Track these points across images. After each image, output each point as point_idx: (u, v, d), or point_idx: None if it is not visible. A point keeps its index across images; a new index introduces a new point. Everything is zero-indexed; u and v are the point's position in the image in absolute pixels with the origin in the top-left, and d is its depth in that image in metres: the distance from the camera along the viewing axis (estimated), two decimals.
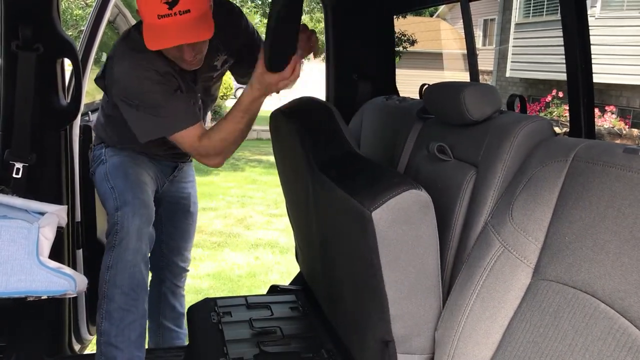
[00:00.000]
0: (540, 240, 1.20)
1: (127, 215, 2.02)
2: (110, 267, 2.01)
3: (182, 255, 2.63)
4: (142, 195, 2.11)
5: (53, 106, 2.17)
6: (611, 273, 1.03)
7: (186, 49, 1.86)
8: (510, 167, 1.40)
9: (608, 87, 11.39)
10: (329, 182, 1.61)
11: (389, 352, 1.40)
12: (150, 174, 2.26)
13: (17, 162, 2.10)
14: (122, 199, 2.08)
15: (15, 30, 2.01)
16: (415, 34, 14.88)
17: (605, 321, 1.02)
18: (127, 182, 2.14)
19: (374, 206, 1.31)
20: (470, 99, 1.50)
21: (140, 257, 2.03)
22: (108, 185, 2.15)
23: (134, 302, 2.02)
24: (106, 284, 2.02)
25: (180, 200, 2.55)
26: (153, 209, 2.13)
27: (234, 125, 1.88)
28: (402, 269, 1.35)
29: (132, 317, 2.02)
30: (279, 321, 2.19)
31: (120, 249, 2.00)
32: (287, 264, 4.92)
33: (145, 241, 2.04)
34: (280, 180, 2.33)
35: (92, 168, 2.30)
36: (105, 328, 2.01)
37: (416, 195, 1.33)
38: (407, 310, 1.38)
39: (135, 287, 2.02)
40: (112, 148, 2.25)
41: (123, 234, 2.01)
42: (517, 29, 13.95)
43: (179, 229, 2.58)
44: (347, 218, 1.46)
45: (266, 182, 8.39)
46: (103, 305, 2.03)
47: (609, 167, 1.11)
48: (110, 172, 2.18)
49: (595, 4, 11.26)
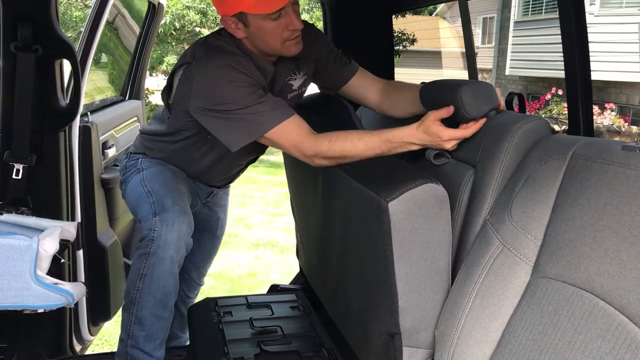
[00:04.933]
0: (539, 238, 1.20)
1: (167, 223, 1.92)
2: (144, 275, 1.94)
3: (200, 273, 2.61)
4: (181, 202, 2.01)
5: (52, 107, 2.17)
6: (610, 270, 1.04)
7: (294, 16, 1.79)
8: (508, 167, 1.40)
9: (607, 85, 11.39)
10: (342, 174, 1.62)
11: (395, 344, 1.41)
12: (188, 188, 2.19)
13: (17, 164, 2.10)
14: (160, 204, 1.97)
15: (14, 32, 2.01)
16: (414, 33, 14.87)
17: (605, 318, 1.02)
18: (166, 188, 2.04)
19: (391, 197, 1.32)
20: (467, 96, 1.50)
21: (176, 266, 1.96)
22: (144, 189, 2.05)
23: (165, 308, 1.99)
24: (138, 292, 1.96)
25: (209, 223, 2.49)
26: (192, 217, 2.03)
27: (364, 147, 1.66)
28: (414, 262, 1.36)
29: (162, 323, 2.00)
30: (280, 320, 2.19)
31: (156, 259, 1.92)
32: (287, 264, 4.92)
33: (182, 251, 1.96)
34: (287, 174, 2.33)
35: (124, 176, 2.21)
36: (135, 332, 1.98)
37: (433, 189, 1.34)
38: (416, 304, 1.39)
39: (167, 295, 1.97)
40: (149, 159, 2.18)
41: (160, 243, 1.92)
42: (516, 27, 13.95)
43: (203, 248, 2.54)
44: (362, 209, 1.47)
45: (267, 181, 8.39)
46: (133, 310, 1.98)
47: (608, 164, 1.12)
48: (147, 178, 2.09)
49: (594, 1, 11.25)
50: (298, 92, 2.08)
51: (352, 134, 1.70)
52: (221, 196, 2.48)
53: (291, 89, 2.05)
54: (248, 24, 1.80)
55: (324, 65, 2.07)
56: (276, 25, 1.78)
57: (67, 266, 2.30)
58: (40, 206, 2.15)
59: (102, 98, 3.20)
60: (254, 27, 1.79)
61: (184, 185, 2.15)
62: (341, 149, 1.68)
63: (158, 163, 2.16)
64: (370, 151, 1.66)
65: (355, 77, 2.05)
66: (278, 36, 1.80)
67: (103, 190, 2.69)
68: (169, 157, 2.16)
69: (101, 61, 3.39)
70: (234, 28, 1.82)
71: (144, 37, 3.37)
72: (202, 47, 1.89)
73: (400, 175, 1.40)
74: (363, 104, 2.10)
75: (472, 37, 2.44)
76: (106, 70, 3.57)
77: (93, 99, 3.01)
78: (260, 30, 1.80)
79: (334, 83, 2.08)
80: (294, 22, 1.79)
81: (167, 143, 2.13)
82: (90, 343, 2.70)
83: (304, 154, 1.75)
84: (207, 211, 2.44)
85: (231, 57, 1.80)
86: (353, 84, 2.06)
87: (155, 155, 2.18)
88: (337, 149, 1.68)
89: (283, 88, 2.01)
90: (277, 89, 1.98)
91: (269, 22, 1.77)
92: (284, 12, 1.77)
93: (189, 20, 11.08)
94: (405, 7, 3.03)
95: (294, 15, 1.79)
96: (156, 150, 2.17)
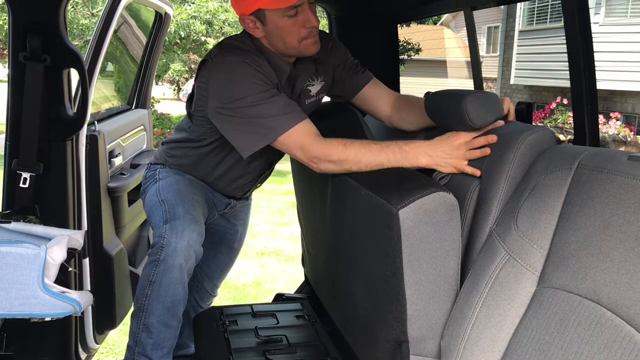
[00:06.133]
0: (546, 248, 1.20)
1: (177, 230, 1.93)
2: (153, 282, 1.94)
3: (214, 284, 2.61)
4: (193, 211, 2.01)
5: (60, 116, 2.18)
6: (617, 281, 1.03)
7: (311, 14, 1.81)
8: (514, 177, 1.41)
9: (613, 94, 11.38)
10: (352, 182, 1.62)
11: (402, 352, 1.40)
12: (203, 198, 2.19)
13: (24, 172, 2.11)
14: (172, 212, 1.99)
15: (23, 42, 2.03)
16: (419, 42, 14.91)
17: (611, 329, 1.02)
18: (179, 196, 2.05)
19: (402, 204, 1.33)
20: (472, 106, 1.51)
21: (185, 275, 1.96)
22: (158, 198, 2.07)
23: (173, 316, 1.99)
24: (147, 299, 1.96)
25: (226, 235, 2.49)
26: (204, 226, 2.04)
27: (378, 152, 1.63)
28: (424, 270, 1.37)
29: (170, 331, 2.00)
30: (285, 329, 2.19)
31: (165, 266, 1.93)
32: (292, 272, 4.92)
33: (192, 260, 1.96)
34: (294, 182, 2.33)
35: (143, 187, 2.25)
36: (142, 340, 1.98)
37: (443, 198, 1.35)
38: (424, 312, 1.39)
39: (176, 303, 1.97)
40: (167, 169, 2.20)
41: (169, 251, 1.92)
42: (521, 36, 13.97)
43: (218, 259, 2.54)
44: (372, 217, 1.47)
45: (271, 190, 8.39)
46: (141, 317, 1.98)
47: (614, 174, 1.12)
48: (162, 187, 2.11)
49: (599, 11, 11.26)
50: (316, 98, 2.10)
51: (367, 141, 1.69)
52: (240, 209, 2.47)
53: (309, 94, 2.06)
54: (265, 22, 1.83)
55: (339, 73, 2.09)
56: (293, 23, 1.80)
57: (73, 274, 2.31)
58: (48, 214, 2.16)
59: (109, 107, 3.22)
60: (271, 24, 1.82)
61: (200, 195, 2.16)
62: (355, 153, 1.65)
63: (175, 173, 2.18)
64: (384, 157, 1.63)
65: (368, 86, 2.07)
66: (295, 34, 1.83)
67: (109, 199, 2.70)
68: (189, 164, 2.18)
69: (108, 70, 3.41)
70: (252, 27, 1.86)
71: (151, 46, 3.39)
72: (218, 46, 1.94)
73: (411, 183, 1.41)
74: (374, 114, 2.11)
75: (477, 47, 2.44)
76: (113, 79, 3.59)
77: (100, 108, 3.03)
78: (278, 28, 1.82)
79: (348, 90, 2.10)
80: (311, 19, 1.81)
81: (188, 149, 2.16)
82: (96, 351, 2.70)
83: (311, 156, 1.72)
84: (225, 223, 2.44)
85: (246, 55, 1.84)
86: (366, 93, 2.07)
87: (175, 162, 2.21)
88: (352, 152, 1.65)
89: (302, 92, 2.03)
90: (297, 92, 2.00)
91: (286, 20, 1.80)
92: (300, 10, 1.80)
93: (195, 30, 11.14)
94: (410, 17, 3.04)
95: (310, 13, 1.81)
96: (177, 157, 2.20)
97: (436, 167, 1.61)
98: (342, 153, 1.67)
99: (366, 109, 2.11)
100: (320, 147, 1.71)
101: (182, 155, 2.19)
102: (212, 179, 2.21)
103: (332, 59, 2.06)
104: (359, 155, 1.64)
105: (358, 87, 2.07)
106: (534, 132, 1.43)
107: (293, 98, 1.95)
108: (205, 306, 2.63)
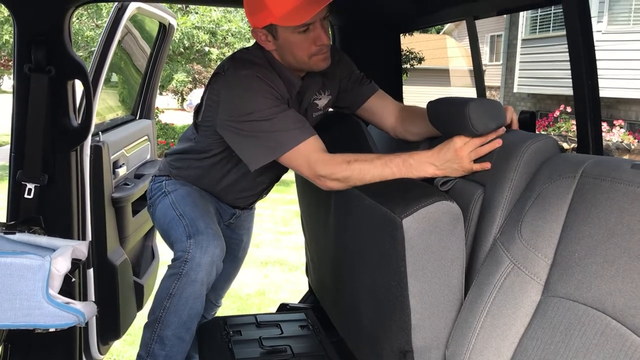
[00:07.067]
0: (550, 257, 1.20)
1: (201, 246, 1.94)
2: (173, 295, 1.95)
3: (218, 294, 2.62)
4: (214, 225, 2.03)
5: (64, 127, 2.19)
6: (622, 289, 1.03)
7: (322, 32, 1.82)
8: (518, 185, 1.40)
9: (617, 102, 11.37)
10: (355, 191, 1.63)
11: None
12: (214, 209, 2.21)
13: (29, 183, 2.12)
14: (194, 227, 1.99)
15: (28, 53, 2.04)
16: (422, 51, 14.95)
17: (617, 338, 1.01)
18: (197, 210, 2.07)
19: (405, 214, 1.33)
20: (474, 112, 1.51)
21: (205, 290, 1.97)
22: (176, 212, 2.07)
23: (187, 330, 1.99)
24: (164, 311, 1.97)
25: (230, 245, 2.43)
26: (224, 241, 2.05)
27: (382, 167, 1.63)
28: (428, 279, 1.36)
29: (183, 345, 2.01)
30: (289, 340, 2.18)
31: (187, 280, 1.93)
32: (296, 282, 4.91)
33: (213, 275, 1.97)
34: (298, 191, 2.33)
35: (151, 200, 2.26)
36: (155, 351, 1.99)
37: (448, 207, 1.35)
38: (429, 321, 1.39)
39: (192, 317, 1.98)
40: (173, 181, 2.21)
41: (193, 265, 1.93)
42: (523, 45, 13.99)
43: (223, 270, 2.55)
44: (376, 226, 1.47)
45: (275, 199, 8.39)
46: (156, 328, 1.98)
47: (617, 183, 1.11)
48: (177, 201, 2.11)
49: (602, 19, 11.28)
50: (322, 111, 2.11)
51: (369, 155, 1.69)
52: (245, 218, 2.47)
53: (316, 108, 2.08)
54: (277, 37, 1.84)
55: (344, 85, 2.10)
56: (304, 39, 1.82)
57: (77, 285, 2.31)
58: (52, 225, 2.17)
59: (113, 117, 3.24)
60: (282, 39, 1.84)
61: (211, 205, 2.18)
62: (360, 170, 1.65)
63: (182, 184, 2.19)
64: (388, 171, 1.62)
65: (373, 98, 2.08)
66: (305, 50, 1.84)
67: (113, 209, 2.70)
68: (193, 175, 2.18)
69: (112, 80, 3.43)
70: (264, 40, 1.87)
71: (155, 57, 3.41)
72: (231, 59, 1.96)
73: (415, 192, 1.41)
74: (379, 126, 2.12)
75: (480, 55, 2.45)
76: (117, 89, 3.61)
77: (104, 119, 3.04)
78: (288, 43, 1.84)
79: (353, 102, 2.11)
80: (322, 37, 1.83)
81: (192, 160, 2.16)
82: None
83: (317, 174, 1.73)
84: (229, 233, 2.44)
85: (258, 69, 1.85)
86: (371, 104, 2.08)
87: (179, 173, 2.21)
88: (355, 169, 1.65)
89: (309, 106, 2.04)
90: (305, 106, 2.02)
91: (297, 36, 1.81)
92: (312, 27, 1.81)
93: (198, 40, 11.20)
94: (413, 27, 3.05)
95: (322, 31, 1.83)
96: (182, 169, 2.21)
97: (444, 174, 1.60)
98: (345, 171, 1.67)
99: (371, 120, 2.12)
100: (326, 166, 1.71)
101: (186, 167, 2.19)
102: (218, 190, 2.22)
103: (338, 71, 2.08)
104: (363, 172, 1.65)
105: (363, 99, 2.08)
106: (538, 141, 1.43)
107: (300, 111, 1.96)
108: (209, 316, 2.63)
